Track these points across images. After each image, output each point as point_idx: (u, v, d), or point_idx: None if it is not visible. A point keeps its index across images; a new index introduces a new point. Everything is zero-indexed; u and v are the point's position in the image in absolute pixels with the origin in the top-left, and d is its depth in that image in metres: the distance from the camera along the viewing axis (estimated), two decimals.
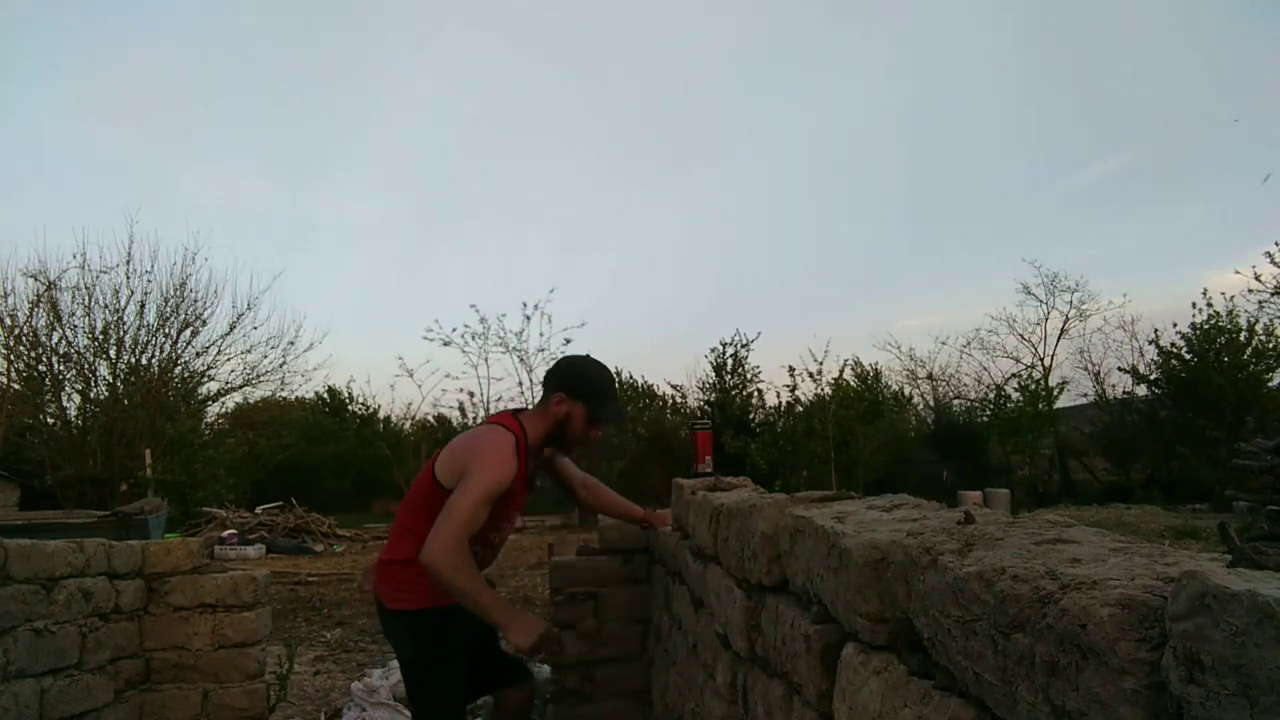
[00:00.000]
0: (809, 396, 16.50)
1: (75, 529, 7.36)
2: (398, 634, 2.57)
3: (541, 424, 2.54)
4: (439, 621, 2.46)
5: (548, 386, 2.59)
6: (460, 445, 2.49)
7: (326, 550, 12.44)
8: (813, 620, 1.34)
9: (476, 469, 2.32)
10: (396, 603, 2.50)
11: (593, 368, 2.62)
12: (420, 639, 2.48)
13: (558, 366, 2.66)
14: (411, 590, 2.47)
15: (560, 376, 2.59)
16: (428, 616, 2.46)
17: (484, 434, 2.49)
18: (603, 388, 2.59)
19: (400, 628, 2.53)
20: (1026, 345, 19.45)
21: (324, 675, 5.18)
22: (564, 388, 2.54)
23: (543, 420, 2.55)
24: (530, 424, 2.54)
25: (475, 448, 2.42)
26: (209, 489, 14.14)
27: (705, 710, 2.16)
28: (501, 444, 2.40)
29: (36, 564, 3.05)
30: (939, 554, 0.96)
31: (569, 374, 2.58)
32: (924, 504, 1.48)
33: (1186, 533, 8.54)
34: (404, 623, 2.51)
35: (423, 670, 2.51)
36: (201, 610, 3.71)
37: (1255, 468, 6.98)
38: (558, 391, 2.54)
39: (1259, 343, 14.22)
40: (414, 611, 2.48)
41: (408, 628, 2.51)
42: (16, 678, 2.91)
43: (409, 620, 2.49)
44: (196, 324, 15.19)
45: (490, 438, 2.44)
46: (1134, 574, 0.75)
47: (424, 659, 2.49)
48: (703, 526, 2.23)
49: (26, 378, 14.35)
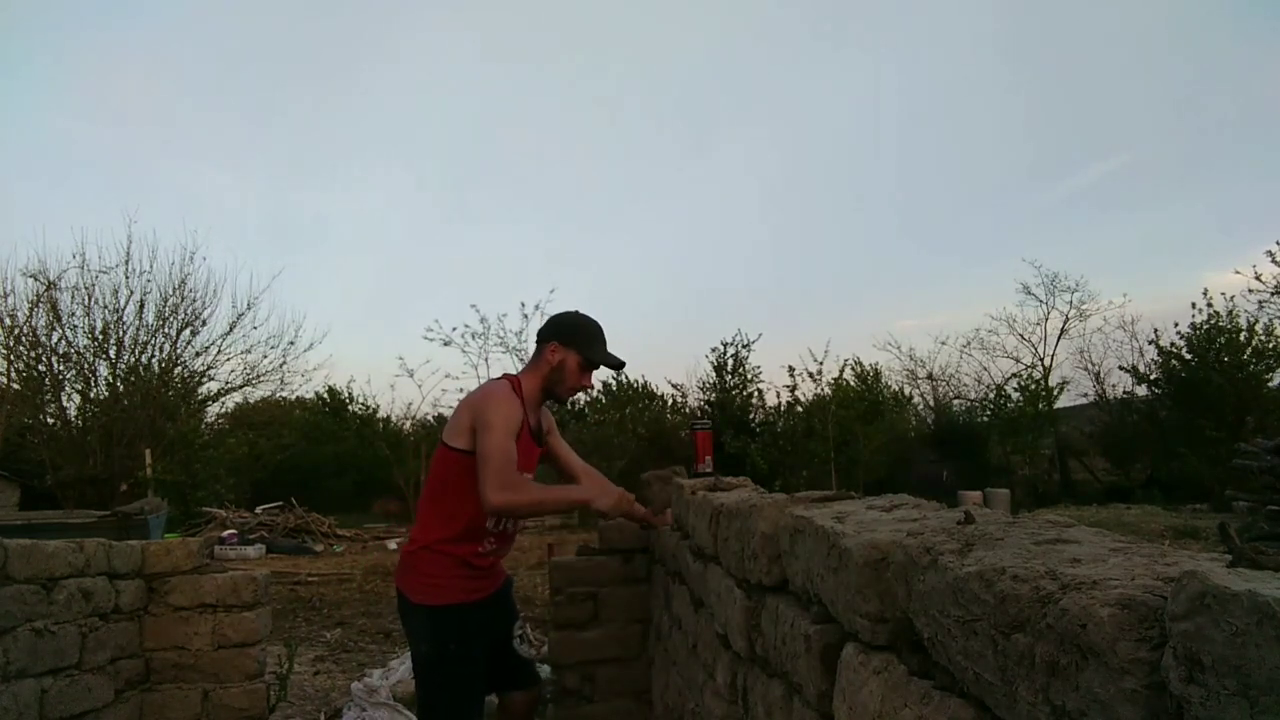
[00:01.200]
0: (809, 396, 16.52)
1: (75, 529, 7.36)
2: (418, 628, 2.54)
3: (536, 375, 2.60)
4: (462, 618, 2.45)
5: (540, 338, 2.64)
6: (460, 406, 2.54)
7: (326, 550, 12.44)
8: (813, 620, 1.34)
9: (486, 412, 2.37)
10: (420, 596, 2.49)
11: (583, 317, 2.67)
12: (441, 635, 2.46)
13: (549, 320, 2.71)
14: (436, 584, 2.47)
15: (552, 327, 2.64)
16: (451, 612, 2.45)
17: (479, 389, 2.59)
18: (594, 333, 2.63)
19: (421, 622, 2.50)
20: (1026, 345, 19.49)
21: (324, 675, 5.18)
22: (556, 336, 2.59)
23: (536, 371, 2.60)
24: (524, 377, 2.61)
25: (475, 401, 2.48)
26: (209, 489, 14.14)
27: (705, 710, 2.16)
28: (498, 387, 2.50)
29: (36, 564, 3.05)
30: (939, 554, 0.96)
31: (560, 324, 2.64)
32: (924, 504, 1.49)
33: (1186, 533, 8.54)
34: (426, 617, 2.48)
35: (440, 667, 2.48)
36: (201, 610, 3.71)
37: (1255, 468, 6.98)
38: (550, 341, 2.59)
39: (1259, 343, 14.22)
40: (438, 607, 2.46)
41: (429, 623, 2.48)
42: (16, 678, 2.91)
43: (431, 615, 2.47)
44: (196, 324, 15.21)
45: (486, 387, 2.55)
46: (1134, 574, 0.75)
47: (443, 655, 2.46)
48: (703, 526, 2.24)
49: (26, 378, 14.35)
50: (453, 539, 2.48)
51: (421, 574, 2.50)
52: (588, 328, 2.64)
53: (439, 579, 2.47)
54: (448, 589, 2.46)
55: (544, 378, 2.59)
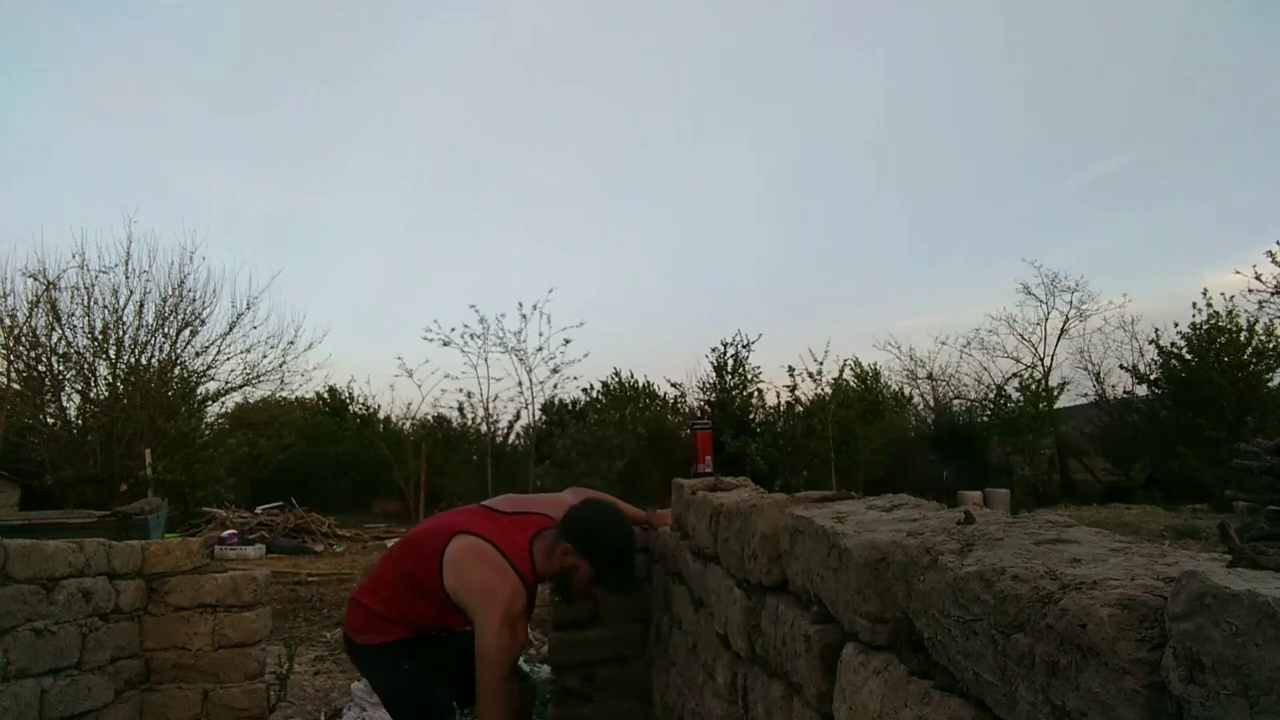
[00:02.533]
0: (809, 396, 16.51)
1: (75, 529, 7.36)
2: (371, 666, 2.57)
3: (548, 564, 2.51)
4: (414, 650, 2.48)
5: (562, 531, 2.53)
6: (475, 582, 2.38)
7: (326, 550, 12.43)
8: (813, 620, 1.34)
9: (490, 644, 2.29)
10: (369, 637, 2.51)
11: (608, 530, 2.55)
12: (395, 669, 2.49)
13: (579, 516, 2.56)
14: (385, 626, 2.50)
15: (575, 529, 2.52)
16: (403, 646, 2.48)
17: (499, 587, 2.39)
18: (613, 554, 2.53)
19: (373, 660, 2.53)
20: (1026, 345, 19.46)
21: (324, 675, 5.18)
22: (574, 541, 2.49)
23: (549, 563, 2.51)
24: (541, 559, 2.50)
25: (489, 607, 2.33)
26: (209, 489, 14.12)
27: (705, 710, 2.16)
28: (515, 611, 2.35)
29: (36, 564, 3.05)
30: (939, 554, 0.96)
31: (584, 530, 2.51)
32: (924, 504, 1.48)
33: (1186, 533, 8.54)
34: (377, 655, 2.51)
35: (399, 689, 2.51)
36: (201, 610, 3.71)
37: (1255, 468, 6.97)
38: (568, 542, 2.49)
39: (1259, 343, 14.20)
40: (387, 644, 2.49)
41: (382, 659, 2.51)
42: (16, 678, 2.91)
43: (382, 652, 2.50)
44: (195, 324, 15.19)
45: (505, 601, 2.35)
46: (1134, 574, 0.75)
47: (399, 678, 2.50)
48: (703, 526, 2.23)
49: (26, 378, 14.34)
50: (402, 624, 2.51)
51: (369, 617, 2.53)
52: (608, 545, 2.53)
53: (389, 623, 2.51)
54: (399, 629, 2.51)
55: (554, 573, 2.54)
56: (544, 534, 2.53)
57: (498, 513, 2.62)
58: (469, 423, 18.15)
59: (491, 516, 2.59)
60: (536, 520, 2.57)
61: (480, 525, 2.52)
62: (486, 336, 16.61)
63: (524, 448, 18.11)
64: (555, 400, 17.95)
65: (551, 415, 18.19)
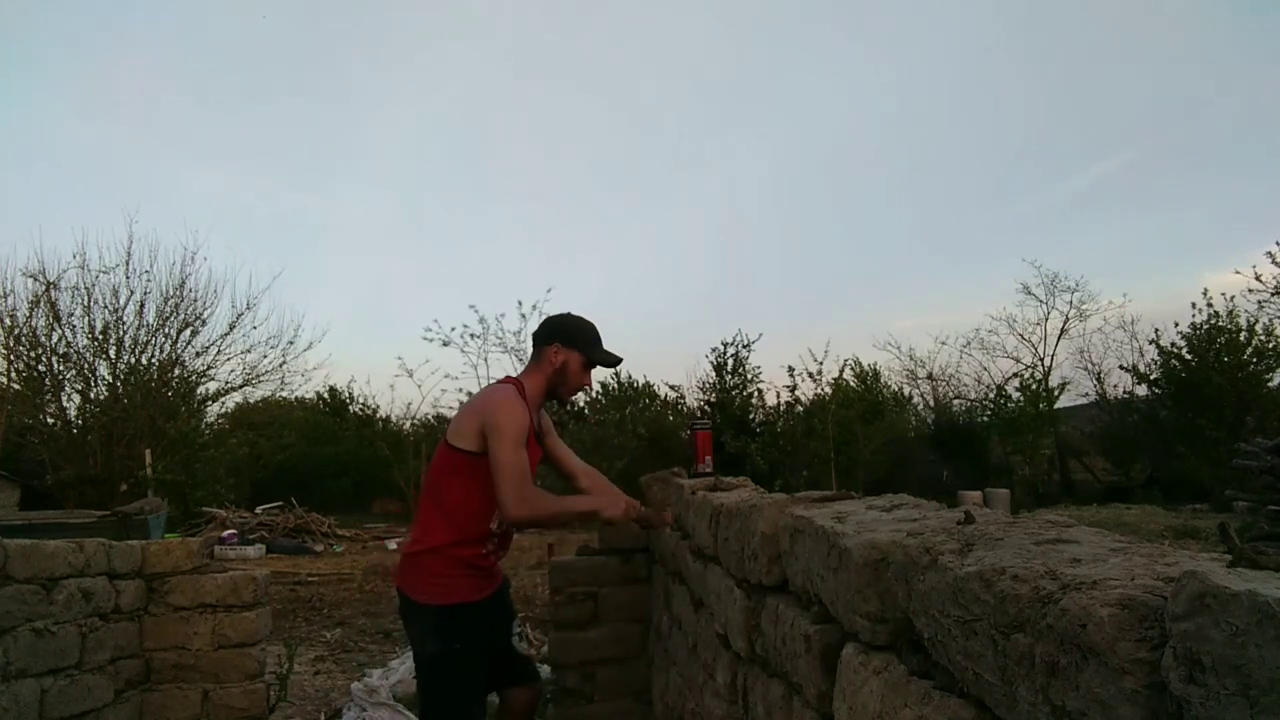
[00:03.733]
0: (809, 396, 16.51)
1: (75, 529, 7.36)
2: (423, 629, 2.53)
3: (539, 377, 2.63)
4: (467, 618, 2.45)
5: (539, 341, 2.68)
6: (466, 410, 2.56)
7: (326, 550, 12.43)
8: (813, 620, 1.34)
9: (497, 420, 2.39)
10: (425, 596, 2.48)
11: (580, 319, 2.72)
12: (448, 635, 2.45)
13: (546, 322, 2.75)
14: (441, 584, 2.46)
15: (551, 328, 2.69)
16: (458, 612, 2.45)
17: (485, 392, 2.61)
18: (594, 333, 2.69)
19: (426, 623, 2.50)
20: (1026, 345, 19.47)
21: (324, 675, 5.18)
22: (557, 338, 2.63)
23: (539, 373, 2.63)
24: (527, 379, 2.64)
25: (483, 405, 2.50)
26: (209, 489, 14.12)
27: (705, 710, 2.16)
28: (505, 392, 2.52)
29: (36, 564, 3.05)
30: (939, 554, 0.96)
31: (560, 325, 2.68)
32: (924, 504, 1.48)
33: (1186, 533, 8.54)
34: (432, 617, 2.48)
35: (446, 666, 2.47)
36: (201, 610, 3.71)
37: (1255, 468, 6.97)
38: (552, 343, 2.63)
39: (1259, 343, 14.20)
40: (443, 607, 2.46)
41: (435, 623, 2.47)
42: (17, 678, 2.91)
43: (438, 615, 2.46)
44: (196, 324, 15.18)
45: (492, 393, 2.56)
46: (1134, 574, 0.75)
47: (449, 654, 2.46)
48: (703, 526, 2.24)
49: (26, 378, 14.34)
50: (457, 542, 2.48)
51: (427, 574, 2.50)
52: (587, 329, 2.69)
53: (445, 579, 2.47)
54: (454, 589, 2.47)
55: (547, 379, 2.63)
56: (524, 374, 2.67)
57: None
58: None
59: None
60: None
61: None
62: (486, 336, 16.64)
63: None
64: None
65: (551, 415, 18.18)
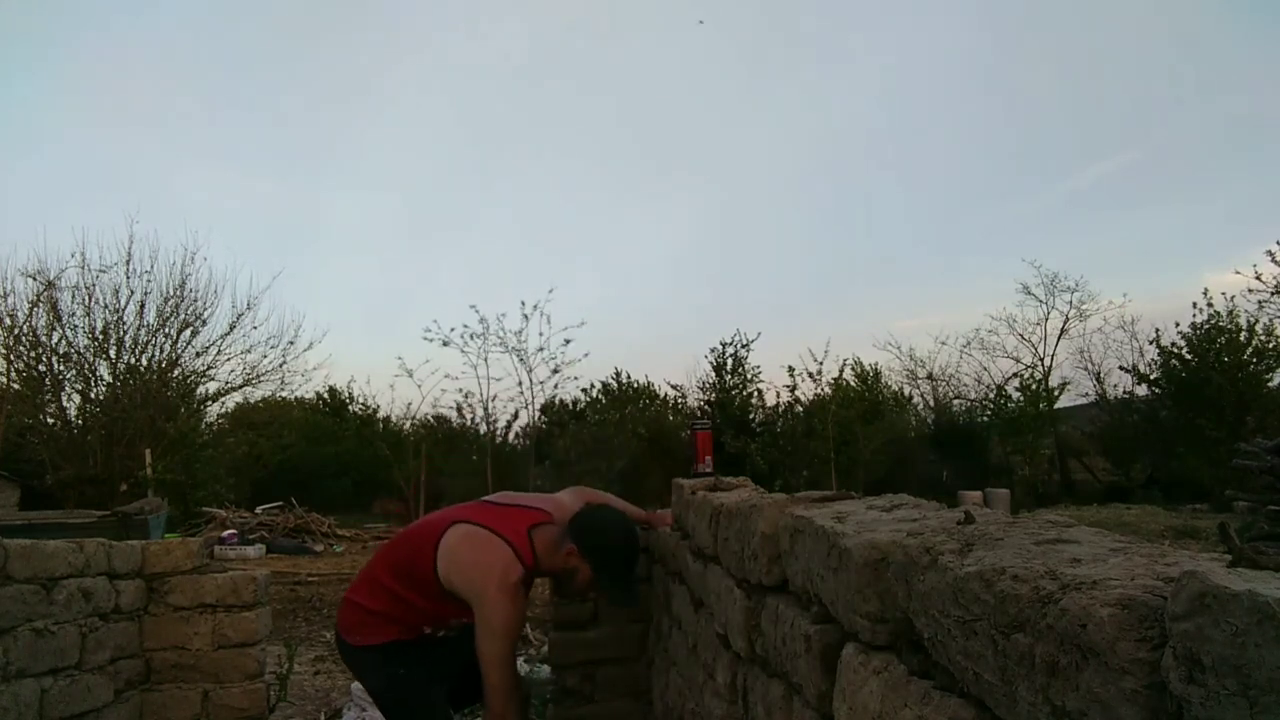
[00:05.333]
0: (809, 396, 16.51)
1: (75, 529, 7.35)
2: (365, 667, 2.54)
3: (551, 560, 2.48)
4: (408, 651, 2.46)
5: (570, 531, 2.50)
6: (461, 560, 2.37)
7: (326, 550, 12.43)
8: (813, 620, 1.34)
9: (485, 609, 2.28)
10: (362, 638, 2.50)
11: (615, 537, 2.53)
12: (390, 669, 2.46)
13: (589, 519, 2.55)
14: (378, 626, 2.48)
15: (583, 531, 2.50)
16: (397, 648, 2.46)
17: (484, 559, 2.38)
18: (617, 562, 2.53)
19: (367, 661, 2.51)
20: (1026, 345, 19.46)
21: (324, 675, 5.18)
22: (580, 543, 2.47)
23: (552, 559, 2.48)
24: (544, 551, 2.46)
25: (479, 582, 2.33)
26: (209, 489, 14.12)
27: (705, 710, 2.16)
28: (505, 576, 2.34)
29: (36, 564, 3.05)
30: (939, 554, 0.96)
31: (590, 532, 2.50)
32: (924, 504, 1.48)
33: (1186, 533, 8.54)
34: (371, 656, 2.49)
35: (394, 700, 2.49)
36: (201, 610, 3.71)
37: (1255, 468, 6.97)
38: (574, 544, 2.48)
39: (1259, 343, 14.20)
40: (381, 645, 2.47)
41: (376, 660, 2.48)
42: (16, 678, 2.91)
43: (376, 653, 2.48)
44: (196, 324, 15.17)
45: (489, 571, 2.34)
46: (1134, 574, 0.75)
47: (395, 688, 2.47)
48: (703, 526, 2.23)
49: (26, 378, 14.34)
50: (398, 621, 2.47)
51: (362, 626, 2.51)
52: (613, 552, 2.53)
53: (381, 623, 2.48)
54: (392, 629, 2.48)
55: (555, 569, 2.52)
56: (545, 527, 2.51)
57: (496, 505, 2.63)
58: (469, 423, 18.14)
59: (489, 508, 2.59)
60: (535, 513, 2.56)
61: (478, 515, 2.51)
62: (486, 336, 16.61)
63: (524, 448, 18.11)
64: (555, 400, 17.96)
65: (551, 415, 18.19)
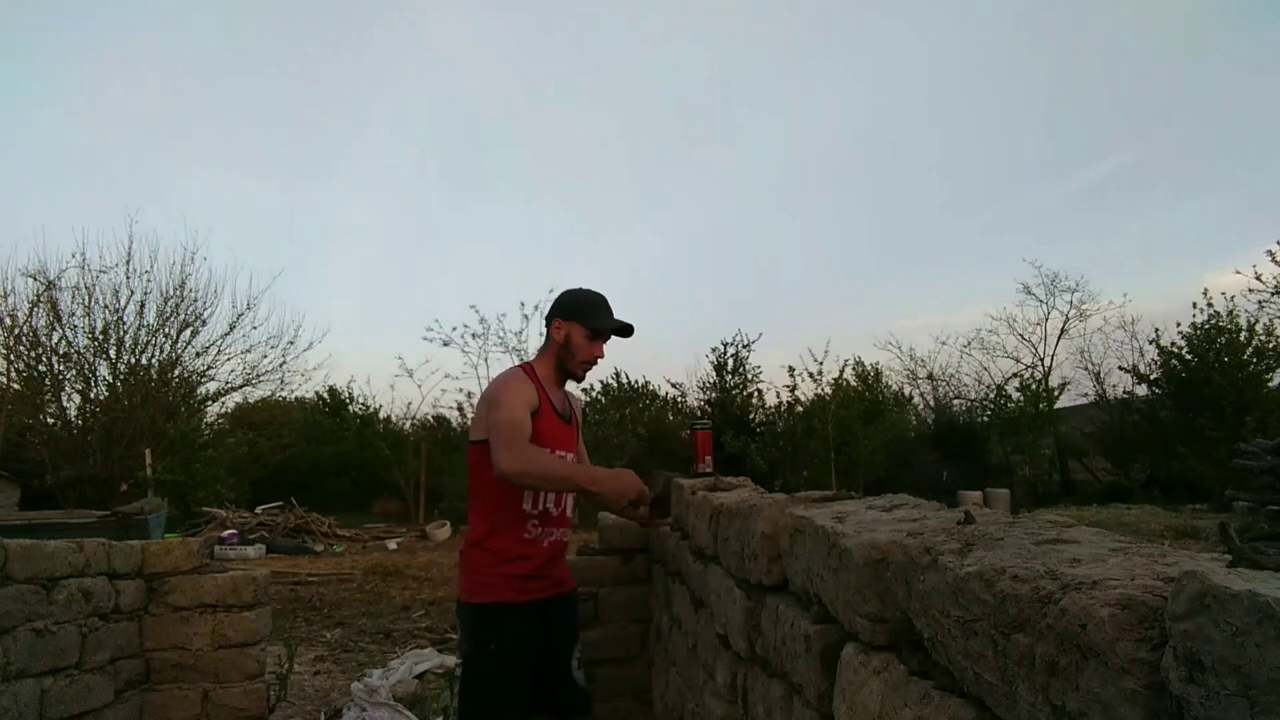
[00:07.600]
0: (809, 396, 16.51)
1: (75, 529, 7.37)
2: (461, 628, 2.52)
3: (547, 355, 2.62)
4: (505, 618, 2.40)
5: (547, 320, 2.67)
6: (479, 402, 2.57)
7: (326, 550, 12.44)
8: (813, 620, 1.34)
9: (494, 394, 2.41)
10: (465, 594, 2.47)
11: (584, 291, 2.67)
12: (480, 634, 2.41)
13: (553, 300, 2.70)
14: (480, 581, 2.44)
15: (554, 305, 2.65)
16: (493, 611, 2.41)
17: (492, 380, 2.60)
18: (595, 302, 2.64)
19: (464, 620, 2.48)
20: (1026, 345, 19.48)
21: (324, 675, 5.18)
22: (558, 313, 2.61)
23: (547, 351, 2.63)
24: (537, 361, 2.64)
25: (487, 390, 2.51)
26: (209, 489, 14.12)
27: (705, 710, 2.16)
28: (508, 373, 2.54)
29: (36, 564, 3.05)
30: (939, 554, 0.96)
31: (561, 300, 2.64)
32: (924, 504, 1.48)
33: (1186, 533, 8.54)
34: (468, 615, 2.45)
35: (478, 667, 2.40)
36: (202, 610, 3.71)
37: (1255, 468, 6.97)
38: (554, 319, 2.61)
39: (1259, 343, 14.20)
40: (480, 605, 2.42)
41: (470, 621, 2.44)
42: (16, 678, 2.91)
43: (473, 613, 2.43)
44: (196, 324, 15.20)
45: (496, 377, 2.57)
46: (1134, 574, 0.75)
47: (481, 655, 2.39)
48: (703, 526, 2.23)
49: (26, 378, 14.36)
50: (492, 532, 2.47)
51: (468, 571, 2.49)
52: (587, 298, 2.64)
53: (484, 576, 2.44)
54: (493, 586, 2.42)
55: (555, 356, 2.61)
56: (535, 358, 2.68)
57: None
58: (469, 422, 18.13)
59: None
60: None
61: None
62: (487, 336, 16.66)
63: None
64: None
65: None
